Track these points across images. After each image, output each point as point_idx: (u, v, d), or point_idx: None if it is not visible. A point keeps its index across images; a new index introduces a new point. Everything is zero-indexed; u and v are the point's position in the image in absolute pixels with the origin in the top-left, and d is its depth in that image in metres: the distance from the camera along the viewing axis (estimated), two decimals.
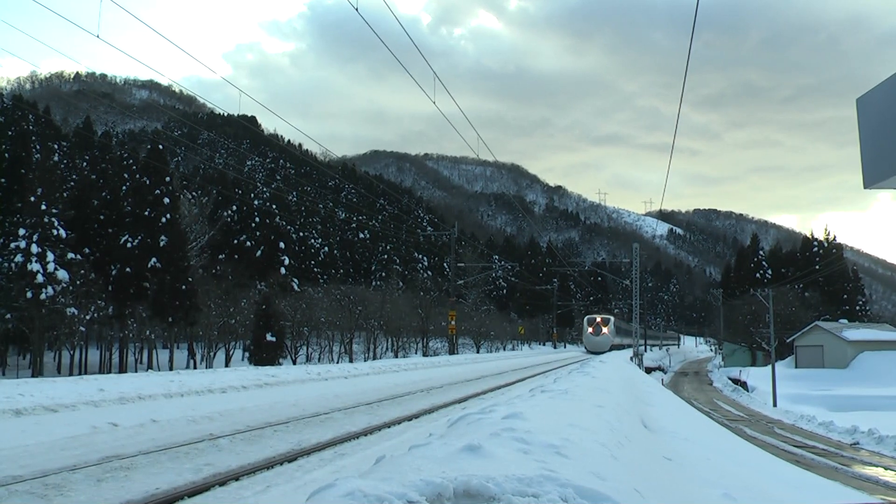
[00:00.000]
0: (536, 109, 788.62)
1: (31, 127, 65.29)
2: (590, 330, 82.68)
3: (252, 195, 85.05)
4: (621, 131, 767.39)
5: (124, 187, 55.92)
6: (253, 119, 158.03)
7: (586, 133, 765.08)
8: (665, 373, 75.78)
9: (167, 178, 49.63)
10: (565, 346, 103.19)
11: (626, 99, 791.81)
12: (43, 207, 40.91)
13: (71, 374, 42.28)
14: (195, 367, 47.93)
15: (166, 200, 48.58)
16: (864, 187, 4.61)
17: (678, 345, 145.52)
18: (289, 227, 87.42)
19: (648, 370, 58.81)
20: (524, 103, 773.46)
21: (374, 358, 63.29)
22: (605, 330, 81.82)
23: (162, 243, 47.12)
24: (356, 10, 13.99)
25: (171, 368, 40.46)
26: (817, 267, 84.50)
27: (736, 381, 60.76)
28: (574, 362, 43.93)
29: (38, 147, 57.49)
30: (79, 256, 43.81)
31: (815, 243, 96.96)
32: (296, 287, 69.33)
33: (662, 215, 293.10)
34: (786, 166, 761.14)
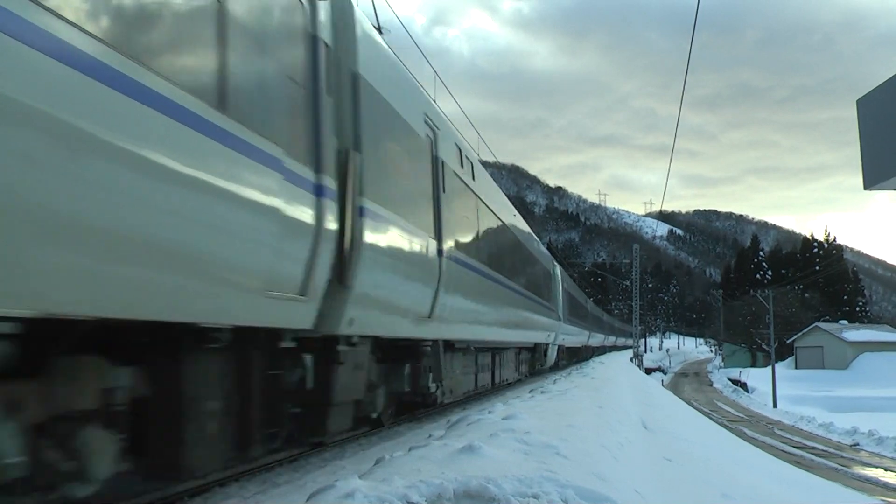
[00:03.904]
0: (532, 110, 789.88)
1: None
2: None
3: None
4: (618, 132, 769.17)
5: None
6: None
7: (583, 133, 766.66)
8: (665, 374, 75.81)
9: None
10: None
11: (622, 99, 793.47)
12: None
13: None
14: None
15: None
16: (865, 188, 4.61)
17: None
18: None
19: (648, 371, 58.82)
20: (520, 104, 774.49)
21: None
22: None
23: None
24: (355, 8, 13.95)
25: None
26: (817, 268, 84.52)
27: (736, 382, 60.74)
28: None
29: None
30: None
31: (815, 244, 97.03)
32: None
33: (662, 216, 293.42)
34: (783, 167, 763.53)
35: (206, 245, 4.08)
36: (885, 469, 23.18)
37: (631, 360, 56.24)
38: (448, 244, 9.00)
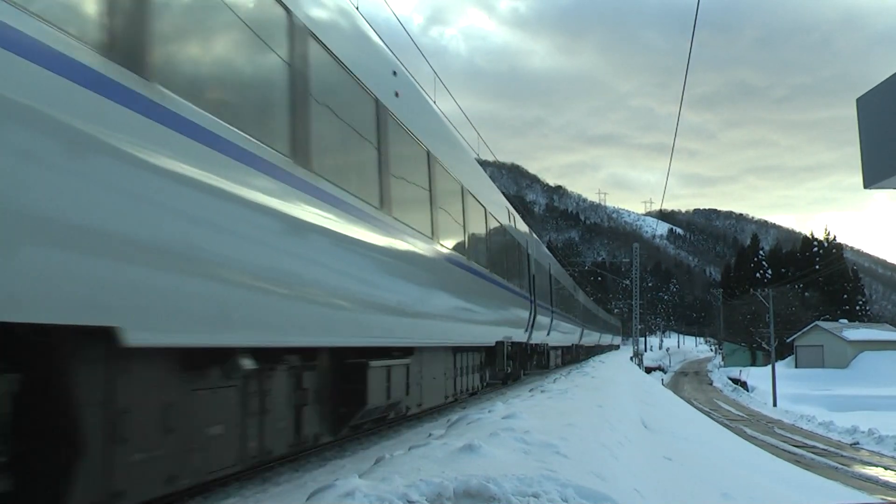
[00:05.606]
0: (530, 109, 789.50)
1: None
2: None
3: None
4: (617, 131, 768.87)
5: None
6: None
7: (581, 133, 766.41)
8: (665, 373, 75.81)
9: None
10: None
11: (620, 99, 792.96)
12: None
13: None
14: None
15: None
16: (865, 187, 4.61)
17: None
18: None
19: (648, 370, 58.81)
20: (518, 103, 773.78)
21: None
22: None
23: None
24: (357, 8, 13.97)
25: None
26: (817, 267, 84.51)
27: (736, 381, 60.75)
28: None
29: None
30: None
31: (815, 243, 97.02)
32: None
33: (662, 215, 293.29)
34: (782, 166, 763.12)
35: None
36: (885, 468, 23.19)
37: (631, 359, 56.25)
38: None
